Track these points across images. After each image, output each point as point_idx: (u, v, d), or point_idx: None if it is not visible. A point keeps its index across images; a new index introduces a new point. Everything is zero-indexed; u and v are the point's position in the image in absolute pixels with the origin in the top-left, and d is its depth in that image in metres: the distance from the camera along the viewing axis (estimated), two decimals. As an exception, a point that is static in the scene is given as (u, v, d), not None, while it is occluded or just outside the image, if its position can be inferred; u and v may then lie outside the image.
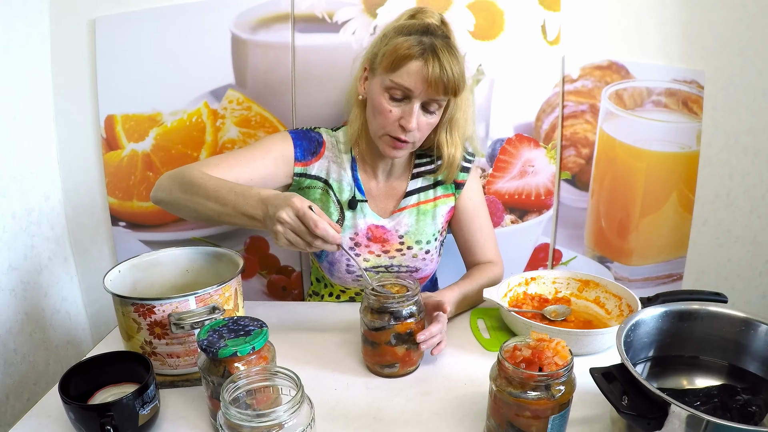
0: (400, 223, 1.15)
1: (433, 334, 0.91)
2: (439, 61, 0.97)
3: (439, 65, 0.97)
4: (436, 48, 0.97)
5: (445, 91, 0.99)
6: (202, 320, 0.85)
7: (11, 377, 1.24)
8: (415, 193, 1.17)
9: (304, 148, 1.13)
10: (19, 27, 1.24)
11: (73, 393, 0.77)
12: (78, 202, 1.43)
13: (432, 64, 0.97)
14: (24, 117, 1.28)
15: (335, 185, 1.15)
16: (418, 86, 0.98)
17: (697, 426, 0.60)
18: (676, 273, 1.51)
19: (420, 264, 1.17)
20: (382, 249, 1.15)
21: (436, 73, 0.97)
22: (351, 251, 1.13)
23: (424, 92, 0.99)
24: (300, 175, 1.14)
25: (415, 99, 1.00)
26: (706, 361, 0.83)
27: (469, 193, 1.20)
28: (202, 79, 1.33)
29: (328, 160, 1.15)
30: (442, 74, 0.97)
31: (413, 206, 1.17)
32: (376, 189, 1.17)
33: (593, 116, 1.37)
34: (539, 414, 0.68)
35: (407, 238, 1.15)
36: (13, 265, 1.25)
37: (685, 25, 1.32)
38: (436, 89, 0.99)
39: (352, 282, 1.18)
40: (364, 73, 1.08)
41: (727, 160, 1.43)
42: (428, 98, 1.01)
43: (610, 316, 1.06)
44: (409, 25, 1.02)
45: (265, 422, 0.61)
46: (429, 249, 1.16)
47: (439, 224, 1.18)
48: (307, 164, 1.14)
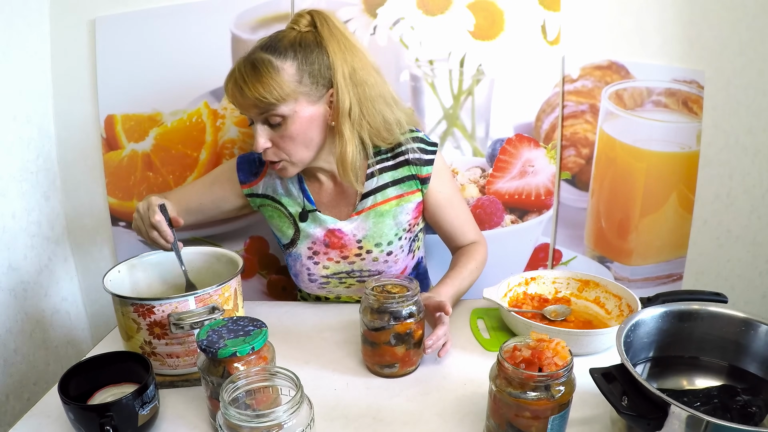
0: (358, 227, 1.12)
1: (439, 338, 0.91)
2: (236, 82, 0.96)
3: (237, 86, 0.96)
4: (239, 67, 0.97)
5: (257, 107, 0.97)
6: (202, 320, 0.85)
7: (11, 377, 1.24)
8: (371, 194, 1.12)
9: (245, 170, 1.16)
10: (19, 27, 1.24)
11: (73, 393, 0.77)
12: (78, 202, 1.43)
13: (235, 86, 0.97)
14: (24, 117, 1.28)
15: (284, 200, 1.15)
16: (241, 108, 1.00)
17: (697, 426, 0.60)
18: (676, 273, 1.51)
19: (382, 267, 1.14)
20: (340, 255, 1.13)
21: (237, 95, 0.97)
22: (309, 260, 1.14)
23: (249, 111, 1.00)
24: (250, 196, 1.17)
25: (255, 120, 1.00)
26: (706, 361, 0.82)
27: (437, 186, 1.14)
28: (202, 79, 1.33)
29: (273, 177, 1.16)
30: (241, 95, 0.96)
31: (369, 209, 1.12)
32: (326, 195, 1.15)
33: (593, 116, 1.37)
34: (539, 414, 0.68)
35: (365, 242, 1.12)
36: (13, 265, 1.25)
37: (685, 25, 1.32)
38: (248, 108, 0.99)
39: (317, 290, 1.18)
40: None
41: (727, 160, 1.43)
42: (258, 115, 0.99)
43: (610, 316, 1.06)
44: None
45: (265, 422, 0.61)
46: (391, 250, 1.13)
47: (404, 222, 1.13)
48: (251, 185, 1.16)
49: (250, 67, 0.96)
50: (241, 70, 0.96)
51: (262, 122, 1.00)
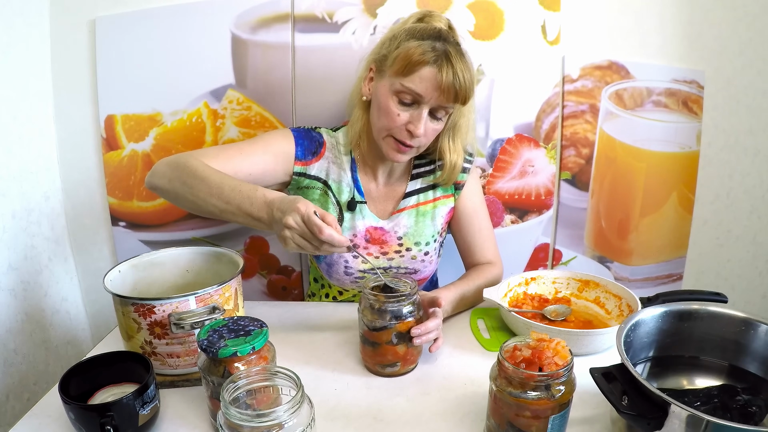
0: (399, 224, 1.15)
1: (428, 329, 0.90)
2: (452, 68, 0.96)
3: (452, 72, 0.96)
4: (450, 55, 0.97)
5: (456, 99, 0.99)
6: (202, 320, 0.85)
7: (11, 377, 1.24)
8: (414, 195, 1.17)
9: (305, 147, 1.13)
10: (19, 27, 1.24)
11: (73, 393, 0.77)
12: (78, 202, 1.43)
13: (446, 71, 0.96)
14: (24, 117, 1.28)
15: (334, 186, 1.14)
16: (429, 92, 0.98)
17: (697, 426, 0.60)
18: (676, 273, 1.51)
19: (419, 265, 1.16)
20: (380, 251, 1.15)
21: (449, 81, 0.96)
22: (349, 253, 1.12)
23: (435, 99, 0.99)
24: (299, 174, 1.13)
25: (424, 105, 1.00)
26: (706, 361, 0.83)
27: (468, 194, 1.20)
28: (202, 79, 1.33)
29: (328, 161, 1.15)
30: (455, 82, 0.97)
31: (412, 207, 1.16)
32: (375, 191, 1.17)
33: (593, 116, 1.37)
34: (539, 414, 0.68)
35: (406, 239, 1.15)
36: (13, 265, 1.25)
37: (685, 25, 1.32)
38: (447, 96, 0.98)
39: (350, 284, 1.17)
40: (369, 74, 1.07)
41: (727, 160, 1.43)
42: (437, 105, 1.00)
43: (610, 316, 1.06)
44: (420, 29, 1.01)
45: (265, 422, 0.61)
46: (428, 250, 1.16)
47: (439, 225, 1.18)
48: (307, 164, 1.13)
49: (461, 58, 0.98)
50: (453, 57, 0.97)
51: (429, 109, 1.01)
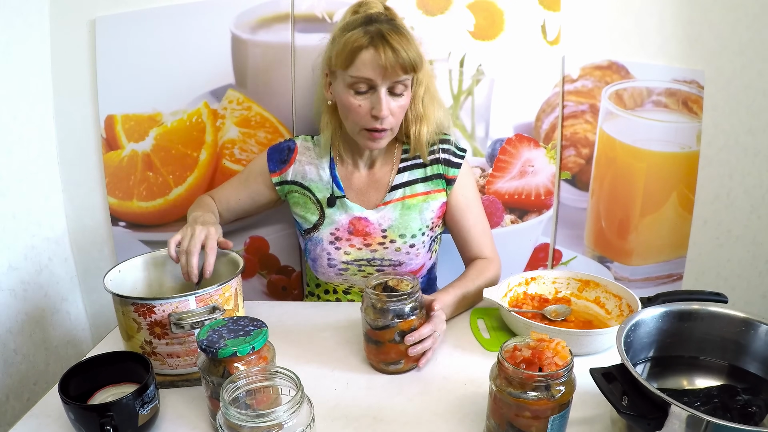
0: (384, 217, 1.17)
1: (422, 335, 0.89)
2: (389, 44, 0.99)
3: (390, 48, 0.99)
4: (383, 32, 1.00)
5: (404, 70, 1.01)
6: (202, 320, 0.85)
7: (11, 377, 1.24)
8: (401, 188, 1.18)
9: (275, 159, 1.21)
10: (19, 27, 1.24)
11: (73, 393, 0.77)
12: (78, 202, 1.43)
13: (383, 49, 0.99)
14: (24, 117, 1.28)
15: (312, 186, 1.19)
16: (376, 73, 1.01)
17: (697, 426, 0.60)
18: (676, 273, 1.51)
19: (404, 258, 1.17)
20: (363, 242, 1.17)
21: (390, 57, 0.99)
22: (330, 245, 1.16)
23: (385, 77, 1.02)
24: (280, 184, 1.21)
25: (379, 86, 1.03)
26: (706, 361, 0.83)
27: (460, 189, 1.20)
28: (202, 79, 1.33)
29: (302, 164, 1.20)
30: (395, 56, 0.99)
31: (398, 200, 1.17)
32: (359, 180, 1.19)
33: (593, 116, 1.37)
34: (539, 414, 0.68)
35: (390, 231, 1.16)
36: (13, 265, 1.25)
37: (685, 25, 1.32)
38: (393, 71, 1.01)
39: (335, 276, 1.19)
40: (326, 79, 1.11)
41: (727, 160, 1.43)
42: (391, 82, 1.03)
43: (610, 316, 1.06)
44: (352, 21, 1.05)
45: (265, 422, 0.61)
46: (414, 243, 1.17)
47: (428, 219, 1.18)
48: (281, 172, 1.21)
49: (396, 31, 1.00)
50: (387, 33, 0.99)
51: (386, 89, 1.03)
